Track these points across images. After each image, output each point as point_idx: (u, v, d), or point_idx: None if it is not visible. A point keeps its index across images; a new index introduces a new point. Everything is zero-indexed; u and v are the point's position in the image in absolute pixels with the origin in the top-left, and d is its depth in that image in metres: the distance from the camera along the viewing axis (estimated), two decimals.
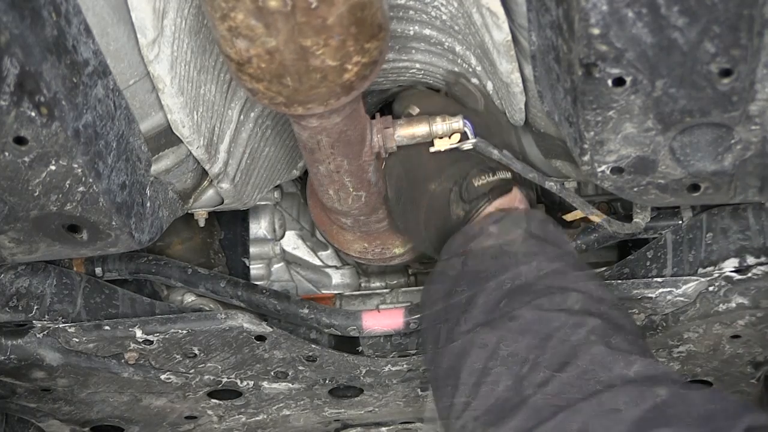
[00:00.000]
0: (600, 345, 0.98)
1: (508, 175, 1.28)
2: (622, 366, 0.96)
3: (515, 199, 1.27)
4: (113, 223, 1.15)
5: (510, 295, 1.08)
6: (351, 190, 1.30)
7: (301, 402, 1.72)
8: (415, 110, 1.32)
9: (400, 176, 1.34)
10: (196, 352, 1.56)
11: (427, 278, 1.26)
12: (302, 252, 1.83)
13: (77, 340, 1.52)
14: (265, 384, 1.66)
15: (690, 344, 1.56)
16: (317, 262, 1.84)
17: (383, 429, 1.89)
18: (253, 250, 1.79)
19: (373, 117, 1.30)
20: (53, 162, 1.03)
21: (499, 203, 1.25)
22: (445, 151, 1.30)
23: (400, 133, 1.29)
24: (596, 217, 1.36)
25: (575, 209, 1.38)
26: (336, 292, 1.82)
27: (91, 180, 1.07)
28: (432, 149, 1.29)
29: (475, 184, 1.26)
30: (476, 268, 1.14)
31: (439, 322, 1.15)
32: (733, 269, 1.43)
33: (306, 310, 1.57)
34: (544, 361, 0.99)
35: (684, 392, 0.92)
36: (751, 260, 1.42)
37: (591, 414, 0.92)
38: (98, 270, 1.57)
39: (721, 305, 1.46)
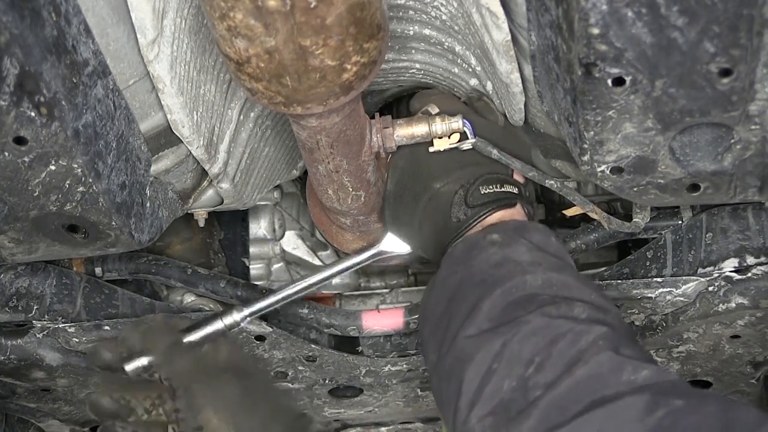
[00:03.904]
0: (608, 351, 0.98)
1: (515, 190, 1.28)
2: (630, 371, 0.95)
3: (517, 214, 1.27)
4: (113, 223, 1.16)
5: (516, 302, 1.07)
6: (350, 189, 1.30)
7: (301, 402, 1.72)
8: (435, 109, 1.32)
9: (404, 169, 1.34)
10: None
11: (427, 286, 1.26)
12: (302, 252, 1.83)
13: (77, 340, 1.52)
14: None
15: (690, 344, 1.56)
16: (317, 262, 1.84)
17: (383, 429, 1.89)
18: (252, 250, 1.79)
19: (372, 117, 1.30)
20: (53, 162, 1.04)
21: (500, 215, 1.25)
22: (456, 154, 1.30)
23: (400, 132, 1.29)
24: (596, 215, 1.36)
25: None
26: (336, 292, 1.82)
27: (90, 180, 1.07)
28: (431, 149, 1.29)
29: (482, 192, 1.26)
30: (480, 275, 1.13)
31: (442, 327, 1.14)
32: (733, 269, 1.43)
33: (306, 310, 1.57)
34: (550, 363, 0.98)
35: (699, 401, 0.90)
36: (750, 260, 1.42)
37: (605, 420, 0.92)
38: (98, 270, 1.57)
39: (720, 305, 1.46)
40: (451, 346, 1.08)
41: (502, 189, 1.27)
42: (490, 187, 1.27)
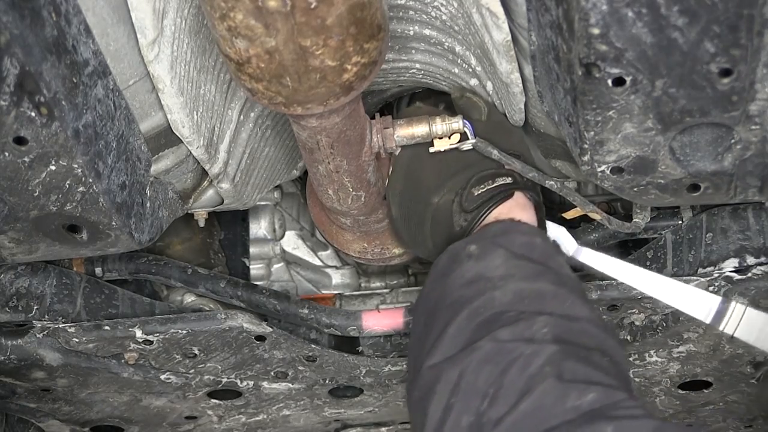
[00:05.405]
0: (552, 378, 0.98)
1: (509, 180, 1.28)
2: (575, 397, 0.96)
3: (517, 204, 1.27)
4: (113, 223, 1.16)
5: (481, 324, 1.08)
6: (350, 190, 1.30)
7: (301, 402, 1.72)
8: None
9: (403, 192, 1.34)
10: (196, 352, 1.56)
11: (415, 300, 1.26)
12: (302, 252, 1.83)
13: (77, 340, 1.52)
14: (265, 384, 1.66)
15: (690, 344, 1.56)
16: (317, 262, 1.84)
17: (383, 429, 1.89)
18: (253, 250, 1.79)
19: (372, 117, 1.30)
20: (53, 162, 1.04)
21: (499, 211, 1.25)
22: (447, 161, 1.30)
23: (400, 133, 1.29)
24: (596, 215, 1.36)
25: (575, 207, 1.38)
26: (336, 292, 1.82)
27: (91, 180, 1.07)
28: (431, 149, 1.29)
29: (475, 193, 1.26)
30: (452, 295, 1.14)
31: (415, 351, 1.16)
32: (733, 269, 1.43)
33: (306, 310, 1.57)
34: (501, 395, 0.99)
35: (629, 425, 0.92)
36: (750, 260, 1.41)
37: None
38: (98, 270, 1.57)
39: None
40: (418, 375, 1.10)
41: (495, 184, 1.27)
42: (482, 186, 1.27)
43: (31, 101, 0.95)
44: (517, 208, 1.27)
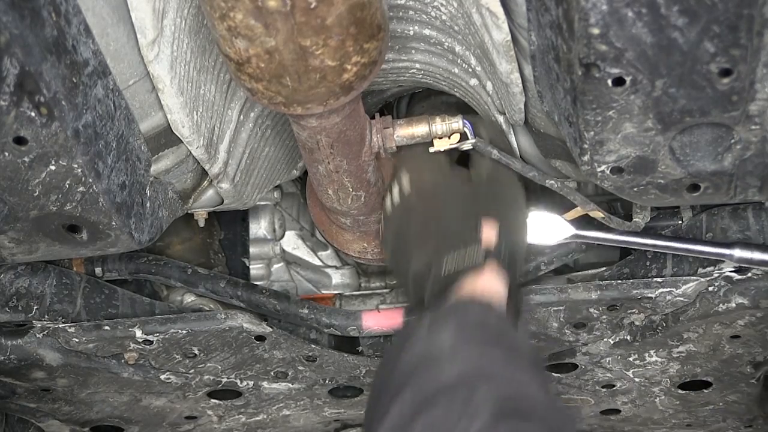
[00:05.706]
0: None
1: (480, 251, 1.27)
2: None
3: (487, 274, 1.26)
4: (113, 223, 1.16)
5: (420, 404, 1.08)
6: (350, 189, 1.30)
7: (301, 402, 1.72)
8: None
9: (394, 251, 1.35)
10: (196, 352, 1.56)
11: (376, 368, 1.27)
12: (302, 252, 1.83)
13: (77, 340, 1.52)
14: (265, 384, 1.66)
15: (690, 344, 1.56)
16: (317, 262, 1.84)
17: None
18: (253, 250, 1.79)
19: (372, 117, 1.30)
20: (53, 162, 1.04)
21: (470, 284, 1.24)
22: (429, 221, 1.29)
23: (400, 133, 1.29)
24: (598, 213, 1.36)
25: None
26: (336, 292, 1.82)
27: (90, 180, 1.07)
28: (431, 149, 1.30)
29: (443, 268, 1.26)
30: (401, 372, 1.15)
31: (366, 426, 1.17)
32: (733, 269, 1.43)
33: (306, 310, 1.57)
34: None
35: None
36: None
37: None
38: (98, 270, 1.57)
39: (721, 305, 1.46)
40: None
41: (465, 254, 1.26)
42: (452, 257, 1.27)
43: (31, 101, 0.95)
44: (487, 278, 1.25)
